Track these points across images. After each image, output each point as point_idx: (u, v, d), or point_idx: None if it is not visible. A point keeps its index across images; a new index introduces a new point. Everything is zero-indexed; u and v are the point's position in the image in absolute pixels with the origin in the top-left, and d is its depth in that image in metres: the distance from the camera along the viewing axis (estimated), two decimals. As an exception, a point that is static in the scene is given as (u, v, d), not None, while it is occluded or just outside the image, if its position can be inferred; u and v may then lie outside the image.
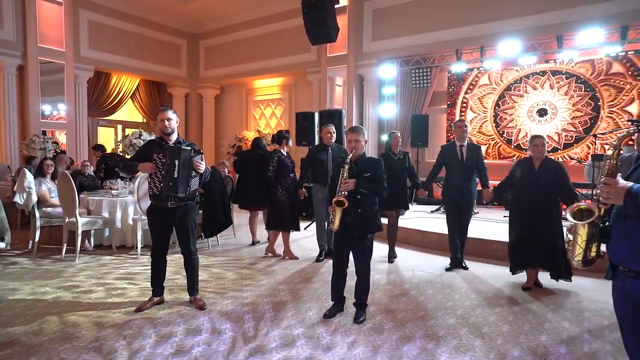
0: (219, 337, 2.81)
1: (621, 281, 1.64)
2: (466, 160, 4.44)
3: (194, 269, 3.40)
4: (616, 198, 1.49)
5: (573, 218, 1.67)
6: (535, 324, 3.10)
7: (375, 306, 3.43)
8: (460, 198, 4.45)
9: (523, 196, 3.81)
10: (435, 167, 4.73)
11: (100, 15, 9.90)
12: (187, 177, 3.15)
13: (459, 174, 4.45)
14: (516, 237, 3.86)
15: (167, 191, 3.11)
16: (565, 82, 7.57)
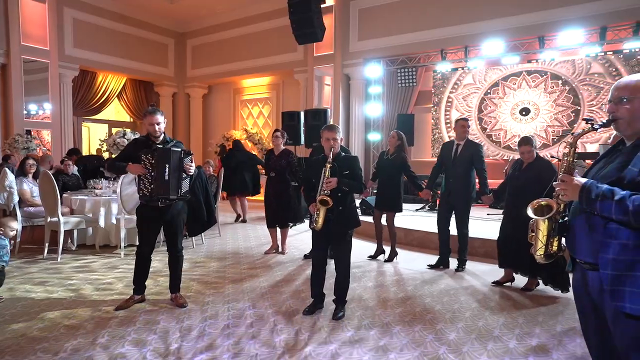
0: (198, 334, 2.83)
1: (579, 273, 1.71)
2: (457, 158, 4.37)
3: (179, 267, 3.42)
4: (572, 194, 1.55)
5: (534, 214, 1.72)
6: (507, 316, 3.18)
7: (355, 302, 3.48)
8: (450, 198, 4.41)
9: (508, 198, 3.83)
10: (435, 166, 4.70)
11: (84, 13, 9.81)
12: (178, 179, 3.15)
13: (451, 172, 4.44)
14: (499, 236, 3.90)
15: (158, 194, 3.12)
16: (547, 82, 7.71)
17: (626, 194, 1.42)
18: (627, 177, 1.47)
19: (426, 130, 9.13)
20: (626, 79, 1.58)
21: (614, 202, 1.42)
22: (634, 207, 1.38)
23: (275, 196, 4.93)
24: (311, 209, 3.17)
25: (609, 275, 1.46)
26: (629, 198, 1.40)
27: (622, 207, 1.41)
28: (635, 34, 6.45)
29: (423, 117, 9.08)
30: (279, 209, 4.94)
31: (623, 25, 6.56)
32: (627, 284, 1.42)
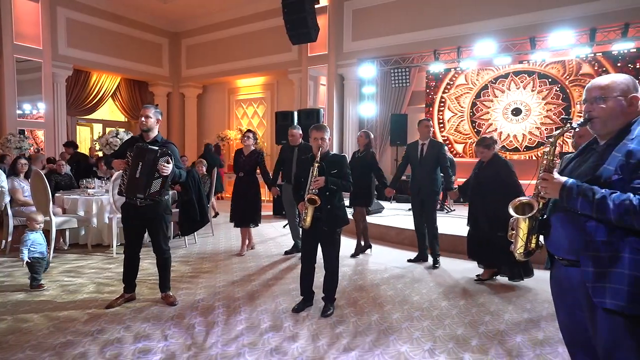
0: (188, 331, 2.86)
1: (557, 270, 1.74)
2: (424, 157, 4.60)
3: (166, 267, 3.44)
4: (553, 192, 1.57)
5: (515, 212, 1.73)
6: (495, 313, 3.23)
7: (345, 300, 3.52)
8: (420, 193, 4.62)
9: (472, 196, 4.04)
10: (400, 165, 4.97)
11: (78, 13, 9.78)
12: (148, 178, 3.13)
13: (418, 171, 4.65)
14: (468, 232, 4.11)
15: (126, 190, 3.14)
16: (538, 82, 7.78)
17: (606, 192, 1.44)
18: (603, 176, 1.49)
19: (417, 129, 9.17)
20: (600, 79, 1.61)
21: (594, 201, 1.44)
22: (614, 205, 1.40)
23: (243, 195, 4.93)
24: (300, 207, 3.21)
25: (591, 272, 1.49)
26: (610, 197, 1.42)
27: (603, 205, 1.43)
28: (623, 36, 6.53)
29: (416, 117, 9.07)
30: (246, 208, 4.95)
31: (612, 26, 6.64)
32: (608, 280, 1.44)
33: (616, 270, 1.42)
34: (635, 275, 1.40)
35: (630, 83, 1.54)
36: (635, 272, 1.39)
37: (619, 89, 1.53)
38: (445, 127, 8.80)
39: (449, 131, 8.75)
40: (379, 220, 6.30)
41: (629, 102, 1.51)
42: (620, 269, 1.42)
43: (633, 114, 1.53)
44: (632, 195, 1.39)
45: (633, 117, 1.53)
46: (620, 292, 1.41)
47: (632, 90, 1.52)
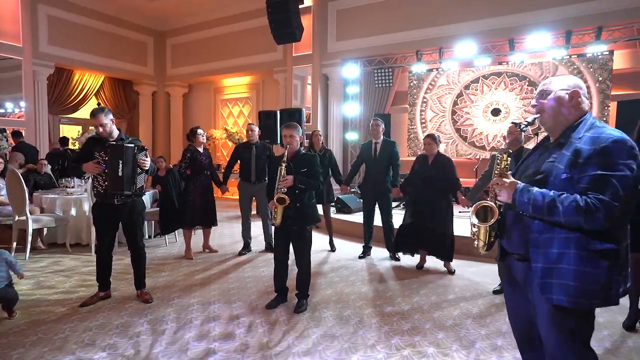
0: (160, 328, 2.89)
1: (509, 262, 1.82)
2: (378, 156, 4.78)
3: (141, 264, 3.46)
4: (506, 196, 1.64)
5: (476, 215, 1.78)
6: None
7: (319, 296, 3.58)
8: (374, 191, 4.79)
9: (417, 189, 4.28)
10: (354, 163, 5.16)
11: (59, 10, 9.66)
12: (132, 174, 3.19)
13: (373, 169, 4.80)
14: (407, 223, 4.33)
15: (112, 190, 3.15)
16: (517, 84, 7.95)
17: (555, 195, 1.48)
18: (553, 173, 1.55)
19: (402, 130, 9.30)
20: (550, 78, 1.70)
21: (544, 205, 1.49)
22: (563, 207, 1.45)
23: (207, 195, 4.84)
24: (270, 206, 3.25)
25: (540, 268, 1.54)
26: (558, 199, 1.47)
27: (552, 208, 1.48)
28: (597, 39, 6.71)
29: (399, 117, 9.25)
30: (211, 209, 4.91)
31: (586, 29, 6.82)
32: (555, 276, 1.50)
33: (563, 266, 1.48)
34: (580, 270, 1.45)
35: (571, 80, 1.62)
36: (580, 267, 1.45)
37: (561, 85, 1.61)
38: (427, 127, 8.93)
39: (431, 131, 8.87)
40: (354, 217, 6.39)
41: (571, 97, 1.58)
42: (567, 265, 1.47)
43: (578, 110, 1.59)
44: (579, 197, 1.43)
45: (579, 114, 1.59)
46: (566, 288, 1.47)
47: (574, 87, 1.60)
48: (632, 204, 1.45)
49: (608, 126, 1.55)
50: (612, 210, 1.38)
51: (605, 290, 1.44)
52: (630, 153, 1.42)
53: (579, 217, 1.41)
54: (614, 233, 1.45)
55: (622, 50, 7.11)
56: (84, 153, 3.31)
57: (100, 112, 3.23)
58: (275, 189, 3.13)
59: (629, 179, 1.40)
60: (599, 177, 1.41)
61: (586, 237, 1.45)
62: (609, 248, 1.44)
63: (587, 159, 1.45)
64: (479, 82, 8.32)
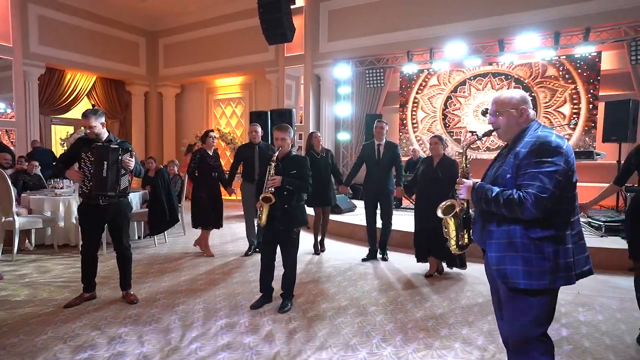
0: (143, 329, 2.89)
1: (485, 258, 1.93)
2: (382, 158, 4.73)
3: (127, 265, 3.46)
4: (466, 194, 1.86)
5: (443, 214, 1.98)
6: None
7: (305, 297, 3.60)
8: (377, 193, 4.75)
9: (421, 191, 4.18)
10: (355, 164, 5.08)
11: (50, 10, 9.63)
12: (116, 175, 3.19)
13: (376, 171, 4.75)
14: (417, 229, 4.23)
15: (96, 190, 3.16)
16: (506, 84, 8.00)
17: (499, 190, 1.71)
18: (502, 175, 1.76)
19: (393, 130, 9.32)
20: (499, 94, 1.87)
21: (491, 198, 1.70)
22: (503, 200, 1.68)
23: (216, 196, 4.90)
24: (257, 205, 3.24)
25: (494, 257, 1.75)
26: (501, 194, 1.69)
27: (496, 201, 1.69)
28: (585, 40, 6.77)
29: (391, 118, 9.27)
30: (217, 210, 4.94)
31: (574, 30, 6.89)
32: (507, 262, 1.71)
33: (512, 254, 1.69)
34: (527, 256, 1.66)
35: (520, 98, 1.81)
36: (526, 253, 1.66)
37: (511, 104, 1.80)
38: (418, 127, 8.97)
39: (422, 131, 8.92)
40: (347, 218, 6.41)
41: (520, 113, 1.79)
42: (515, 252, 1.68)
43: (526, 121, 1.80)
44: (515, 191, 1.66)
45: (526, 124, 1.80)
46: (517, 272, 1.68)
47: (522, 104, 1.80)
48: (569, 193, 1.67)
49: (548, 130, 1.73)
50: (541, 202, 1.59)
51: (553, 273, 1.64)
52: (556, 151, 1.63)
53: (515, 209, 1.63)
54: (554, 221, 1.65)
55: (609, 52, 7.18)
56: (72, 152, 3.33)
57: (91, 114, 3.24)
58: (263, 189, 3.14)
59: (555, 173, 1.61)
60: (530, 173, 1.63)
61: (528, 227, 1.66)
62: (550, 234, 1.64)
63: (522, 160, 1.67)
64: (469, 82, 8.36)
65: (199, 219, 4.92)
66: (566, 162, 1.63)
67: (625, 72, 6.94)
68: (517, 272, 1.66)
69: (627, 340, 2.80)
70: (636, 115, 6.28)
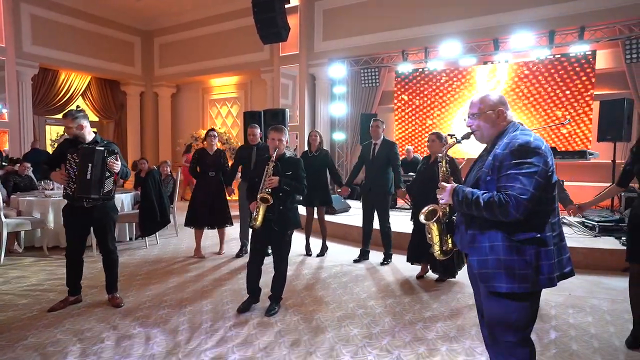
0: (127, 333, 2.85)
1: (468, 262, 1.92)
2: (375, 157, 4.64)
3: (113, 268, 3.42)
4: (448, 198, 1.81)
5: (425, 219, 1.95)
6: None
7: (293, 299, 3.56)
8: (370, 193, 4.68)
9: (419, 191, 4.02)
10: (356, 164, 5.01)
11: (43, 9, 9.58)
12: (100, 178, 3.14)
13: (370, 170, 4.69)
14: (413, 230, 4.13)
15: (79, 192, 3.12)
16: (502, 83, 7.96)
17: (479, 193, 1.69)
18: (482, 177, 1.73)
19: (388, 129, 9.28)
20: (476, 97, 1.84)
21: (472, 201, 1.67)
22: (484, 203, 1.63)
23: (215, 196, 4.87)
24: (251, 207, 3.21)
25: (476, 261, 1.73)
26: (481, 196, 1.66)
27: (477, 204, 1.66)
28: (580, 38, 6.73)
29: (387, 117, 9.22)
30: (220, 209, 4.90)
31: (569, 29, 6.85)
32: (489, 266, 1.68)
33: (494, 257, 1.67)
34: (508, 259, 1.64)
35: (497, 99, 1.79)
36: (508, 256, 1.64)
37: (488, 105, 1.78)
38: (413, 126, 8.93)
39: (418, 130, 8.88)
40: (341, 219, 6.37)
41: (497, 115, 1.77)
42: (497, 256, 1.66)
43: (503, 123, 1.78)
44: (495, 194, 1.64)
45: (504, 125, 1.78)
46: (499, 275, 1.66)
47: (499, 105, 1.77)
48: (549, 194, 1.65)
49: (527, 131, 1.71)
50: (521, 203, 1.57)
51: (535, 275, 1.62)
52: (534, 152, 1.61)
53: (496, 211, 1.61)
54: (534, 223, 1.63)
55: (604, 50, 7.14)
56: (58, 153, 3.31)
57: (70, 116, 3.22)
58: (259, 190, 3.09)
59: (534, 174, 1.59)
60: (509, 175, 1.62)
61: (509, 229, 1.64)
62: (531, 237, 1.63)
63: (501, 162, 1.65)
64: (464, 81, 8.32)
65: (189, 218, 4.92)
66: (545, 162, 1.62)
67: (620, 70, 6.90)
68: (500, 276, 1.64)
69: (615, 343, 2.76)
70: (631, 114, 6.25)
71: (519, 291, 1.62)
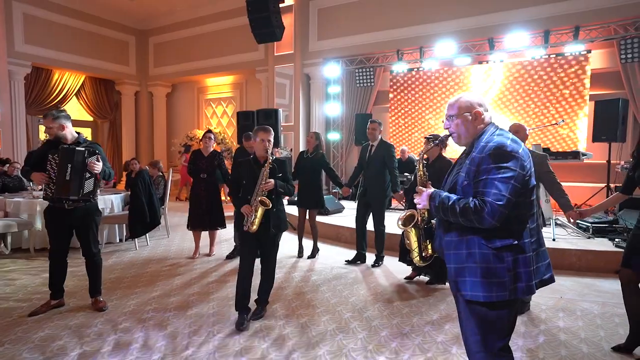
0: (106, 339, 2.79)
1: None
2: (369, 159, 4.59)
3: (96, 271, 3.36)
4: (424, 203, 1.76)
5: (403, 225, 1.91)
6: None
7: (281, 302, 3.51)
8: (366, 194, 4.62)
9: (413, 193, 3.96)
10: (356, 167, 4.92)
11: (36, 8, 9.50)
12: (80, 179, 3.09)
13: (366, 172, 4.64)
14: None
15: (58, 194, 3.06)
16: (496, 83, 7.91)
17: (456, 199, 1.62)
18: (459, 182, 1.68)
19: (384, 130, 9.21)
20: (453, 99, 1.78)
21: (448, 207, 1.62)
22: (459, 208, 1.58)
23: (208, 198, 4.82)
24: (245, 210, 3.05)
25: (453, 269, 1.69)
26: (457, 202, 1.60)
27: (453, 210, 1.60)
28: (575, 38, 6.68)
29: (381, 117, 9.16)
30: (213, 211, 4.85)
31: (564, 29, 6.80)
32: (466, 274, 1.64)
33: (471, 265, 1.62)
34: (485, 267, 1.59)
35: (475, 101, 1.74)
36: (485, 264, 1.59)
37: (465, 107, 1.73)
38: (409, 127, 8.87)
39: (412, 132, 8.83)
40: (334, 220, 6.32)
41: (474, 117, 1.72)
42: (474, 263, 1.61)
43: (481, 125, 1.72)
44: (471, 199, 1.59)
45: (482, 127, 1.72)
46: (475, 284, 1.60)
47: (475, 107, 1.72)
48: (527, 199, 1.60)
49: (505, 134, 1.66)
50: (496, 209, 1.52)
51: (513, 283, 1.57)
52: (510, 155, 1.56)
53: (472, 217, 1.56)
54: (512, 229, 1.58)
55: (599, 50, 7.09)
56: (40, 154, 3.24)
57: (50, 116, 3.17)
58: (254, 193, 3.00)
59: (511, 179, 1.54)
60: (485, 180, 1.57)
61: (487, 236, 1.59)
62: (509, 244, 1.57)
63: (477, 165, 1.60)
64: (458, 81, 8.27)
65: (188, 219, 4.92)
66: (522, 167, 1.57)
67: (615, 70, 6.85)
68: (477, 285, 1.59)
69: (604, 347, 2.71)
70: (626, 114, 6.20)
71: (497, 300, 1.57)
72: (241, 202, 3.12)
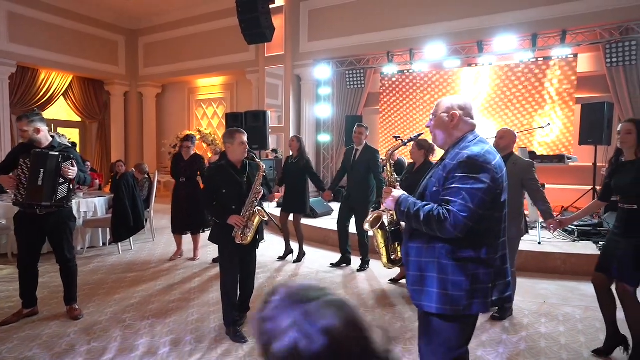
0: (80, 349, 2.72)
1: None
2: (354, 163, 4.55)
3: (71, 278, 3.29)
4: (391, 205, 1.71)
5: (370, 226, 1.86)
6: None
7: (261, 309, 3.45)
8: (350, 200, 4.58)
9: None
10: (340, 169, 4.90)
11: (21, 7, 9.33)
12: (53, 184, 3.01)
13: (350, 177, 4.62)
14: None
15: (29, 199, 2.98)
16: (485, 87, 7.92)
17: (421, 205, 1.56)
18: (428, 188, 1.64)
19: (374, 132, 9.20)
20: (440, 99, 1.75)
21: (412, 213, 1.57)
22: (423, 216, 1.53)
23: (187, 201, 4.78)
24: (237, 222, 2.78)
25: (412, 277, 1.63)
26: (422, 208, 1.54)
27: (417, 217, 1.55)
28: (562, 42, 6.71)
29: (372, 119, 9.16)
30: (193, 214, 4.81)
31: (551, 33, 6.82)
32: (424, 283, 1.58)
33: (430, 275, 1.56)
34: (443, 278, 1.53)
35: (455, 102, 1.68)
36: (443, 276, 1.53)
37: (444, 107, 1.69)
38: (399, 128, 8.86)
39: (405, 134, 8.81)
40: (321, 223, 6.27)
41: (451, 118, 1.67)
42: (433, 273, 1.55)
43: (459, 130, 1.66)
44: (435, 207, 1.53)
45: (461, 133, 1.65)
46: (432, 295, 1.55)
47: (454, 108, 1.67)
48: (496, 213, 1.54)
49: (482, 144, 1.60)
50: (460, 221, 1.45)
51: (469, 298, 1.51)
52: (483, 167, 1.50)
53: (434, 226, 1.50)
54: (476, 242, 1.52)
55: (586, 54, 7.13)
56: (11, 158, 3.15)
57: (25, 118, 3.07)
58: (246, 204, 2.84)
59: (479, 191, 1.47)
60: (452, 189, 1.51)
61: (450, 246, 1.52)
62: (471, 256, 1.51)
63: (448, 173, 1.55)
64: (448, 83, 8.27)
65: (171, 223, 4.96)
66: (493, 179, 1.51)
67: (601, 74, 6.88)
68: (432, 295, 1.54)
69: (584, 354, 2.70)
70: (611, 117, 6.23)
71: (451, 313, 1.53)
72: (223, 212, 2.83)
